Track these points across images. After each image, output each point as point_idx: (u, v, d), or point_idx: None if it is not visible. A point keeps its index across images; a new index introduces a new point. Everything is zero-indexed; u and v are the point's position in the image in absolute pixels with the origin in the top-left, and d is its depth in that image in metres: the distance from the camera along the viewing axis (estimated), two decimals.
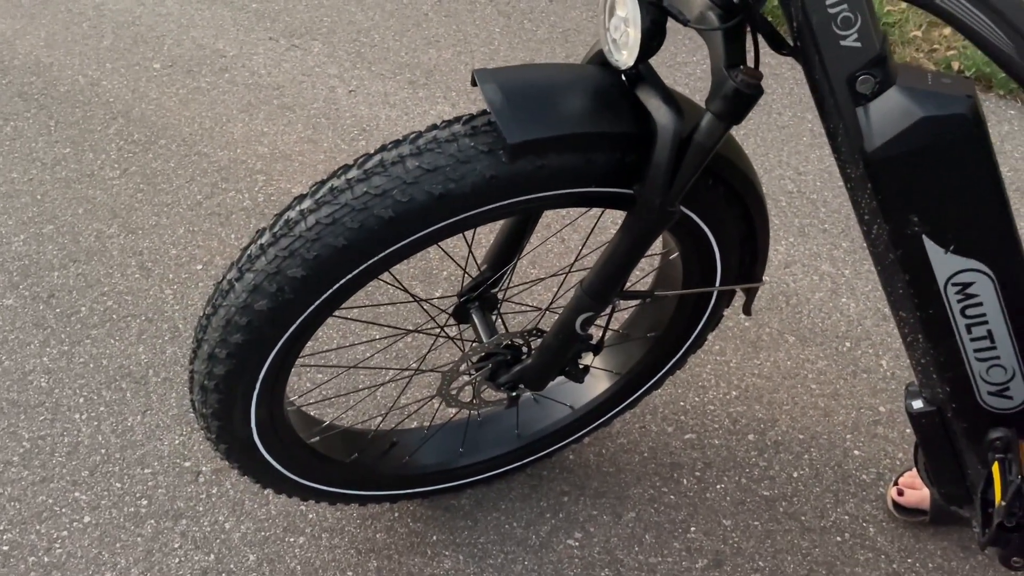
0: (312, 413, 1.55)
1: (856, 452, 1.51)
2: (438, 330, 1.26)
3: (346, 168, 0.96)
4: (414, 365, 1.63)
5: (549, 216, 1.94)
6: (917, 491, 1.40)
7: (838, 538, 1.39)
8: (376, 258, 0.95)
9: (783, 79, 2.39)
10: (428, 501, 1.44)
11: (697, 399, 1.60)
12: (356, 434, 1.35)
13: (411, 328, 1.28)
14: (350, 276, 0.96)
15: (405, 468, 1.35)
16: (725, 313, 1.33)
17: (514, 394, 1.24)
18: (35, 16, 2.67)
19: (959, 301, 0.91)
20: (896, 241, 0.91)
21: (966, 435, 0.98)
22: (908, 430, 1.54)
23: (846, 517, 1.42)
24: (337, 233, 0.93)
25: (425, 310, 1.26)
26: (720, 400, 1.60)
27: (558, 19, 2.66)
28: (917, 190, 0.85)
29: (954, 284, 0.90)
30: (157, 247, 1.89)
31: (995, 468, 0.92)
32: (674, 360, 1.33)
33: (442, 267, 1.84)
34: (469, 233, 1.64)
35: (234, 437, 1.11)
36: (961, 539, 1.37)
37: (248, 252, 0.99)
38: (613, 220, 1.93)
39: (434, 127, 0.95)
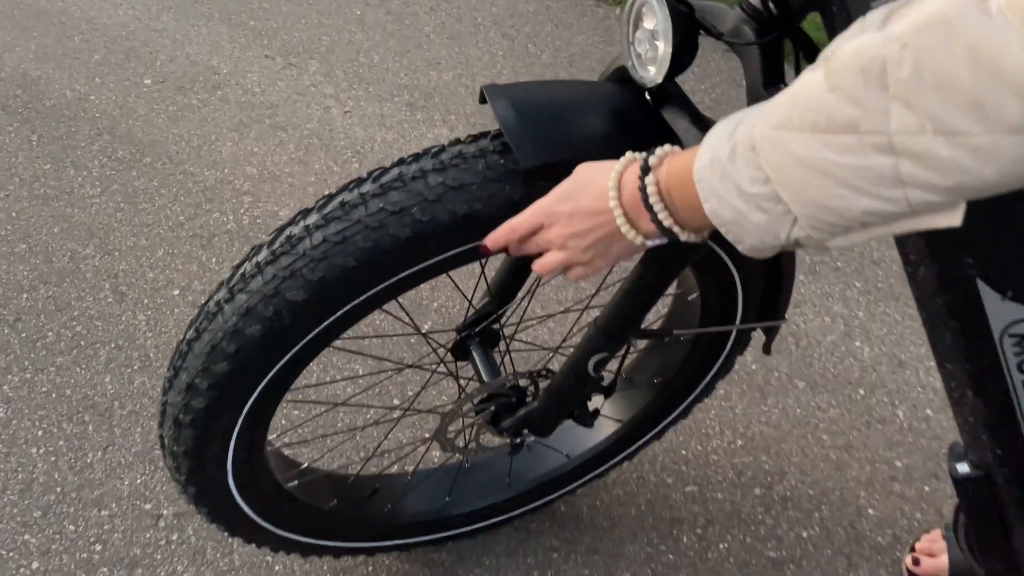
0: (289, 454, 1.45)
1: (870, 511, 1.40)
2: (436, 366, 1.16)
3: (359, 181, 0.86)
4: (405, 404, 1.52)
5: None
6: (934, 560, 1.28)
7: None
8: (387, 283, 0.85)
9: None
10: (407, 554, 1.33)
11: (700, 448, 1.49)
12: (337, 478, 1.24)
13: (408, 363, 1.17)
14: (356, 302, 0.86)
15: (387, 517, 1.24)
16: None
17: (518, 440, 1.13)
18: (27, 28, 2.60)
19: (1017, 354, 0.80)
20: (946, 285, 0.80)
21: (1019, 504, 0.87)
22: (927, 488, 1.43)
23: None
24: (347, 253, 0.82)
25: (429, 343, 1.15)
26: (724, 450, 1.49)
27: (563, 44, 2.58)
28: (971, 227, 0.75)
29: (1012, 335, 0.80)
30: (133, 269, 1.79)
31: None
32: (680, 409, 1.23)
33: (433, 297, 1.74)
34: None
35: (206, 479, 1.00)
36: None
37: (242, 271, 0.88)
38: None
39: (458, 141, 0.85)
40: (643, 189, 0.65)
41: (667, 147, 0.67)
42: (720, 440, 1.50)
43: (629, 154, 0.69)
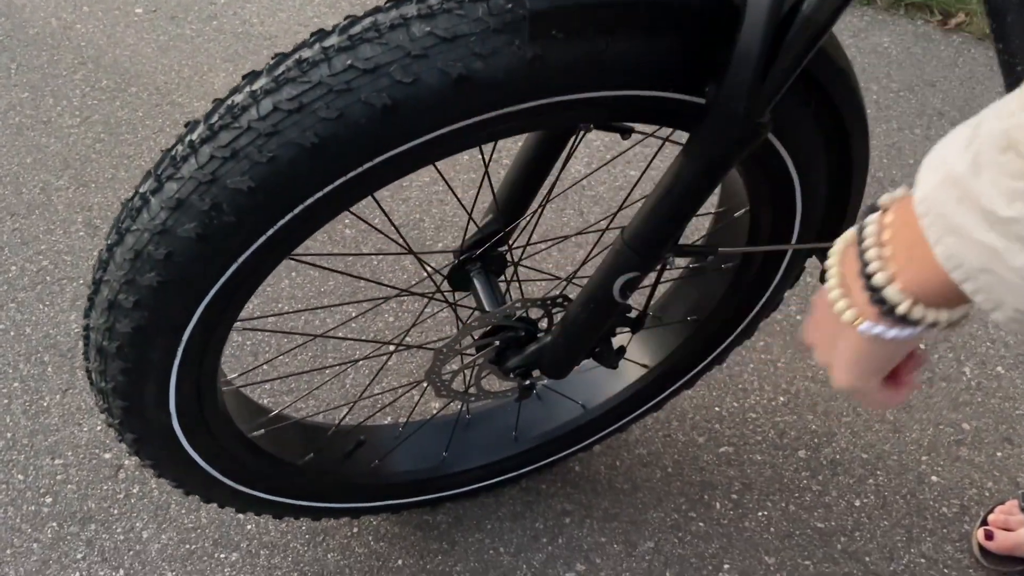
0: (257, 398, 1.28)
1: (934, 478, 1.21)
2: (432, 294, 0.98)
3: (322, 34, 0.67)
4: (396, 339, 1.34)
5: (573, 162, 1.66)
6: (1012, 534, 1.10)
7: None
8: (358, 170, 0.67)
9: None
10: (397, 515, 1.16)
11: (736, 405, 1.31)
12: (313, 428, 1.07)
13: (398, 288, 0.99)
14: (319, 196, 0.67)
15: (373, 474, 1.07)
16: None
17: (527, 383, 0.95)
18: None
19: None
20: None
21: None
22: (999, 454, 1.23)
23: (922, 560, 1.12)
24: (305, 126, 0.64)
25: (423, 266, 0.97)
26: (764, 407, 1.30)
27: None
28: None
29: None
30: (110, 203, 1.63)
31: None
32: (716, 353, 1.04)
33: (425, 211, 1.56)
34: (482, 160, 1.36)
35: (146, 424, 0.82)
36: None
37: (172, 153, 0.70)
38: (658, 165, 1.64)
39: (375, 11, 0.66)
40: (860, 230, 0.43)
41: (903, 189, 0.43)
42: (759, 396, 1.32)
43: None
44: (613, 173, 1.69)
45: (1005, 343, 1.38)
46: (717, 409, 1.30)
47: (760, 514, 1.17)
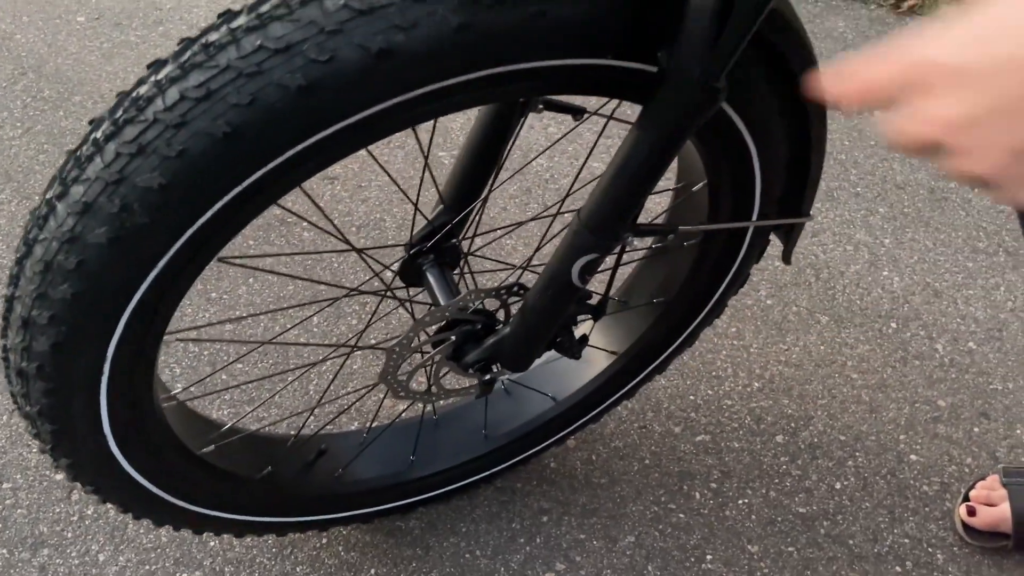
0: (213, 411, 1.23)
1: (913, 457, 1.19)
2: (384, 291, 0.94)
3: (229, 15, 0.63)
4: (350, 341, 1.30)
5: (527, 144, 1.63)
6: (993, 509, 1.08)
7: (898, 568, 1.07)
8: (279, 160, 0.62)
9: None
10: (368, 524, 1.12)
11: (711, 392, 1.28)
12: (269, 441, 1.02)
13: (348, 288, 0.94)
14: (239, 191, 0.63)
15: (338, 484, 1.02)
16: (742, 289, 1.02)
17: (487, 378, 0.91)
18: None
19: None
20: None
21: None
22: (976, 429, 1.22)
23: (906, 540, 1.10)
24: (215, 114, 0.59)
25: (369, 264, 0.93)
26: (739, 393, 1.28)
27: None
28: None
29: None
30: None
31: None
32: (686, 334, 1.01)
33: (386, 212, 1.52)
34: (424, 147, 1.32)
35: (80, 447, 0.77)
36: None
37: (77, 153, 0.65)
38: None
39: None
40: None
41: None
42: (734, 383, 1.29)
43: None
44: (572, 156, 1.66)
45: (975, 319, 1.38)
46: (692, 398, 1.27)
47: (741, 502, 1.14)
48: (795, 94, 0.71)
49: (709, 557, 1.08)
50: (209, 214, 0.64)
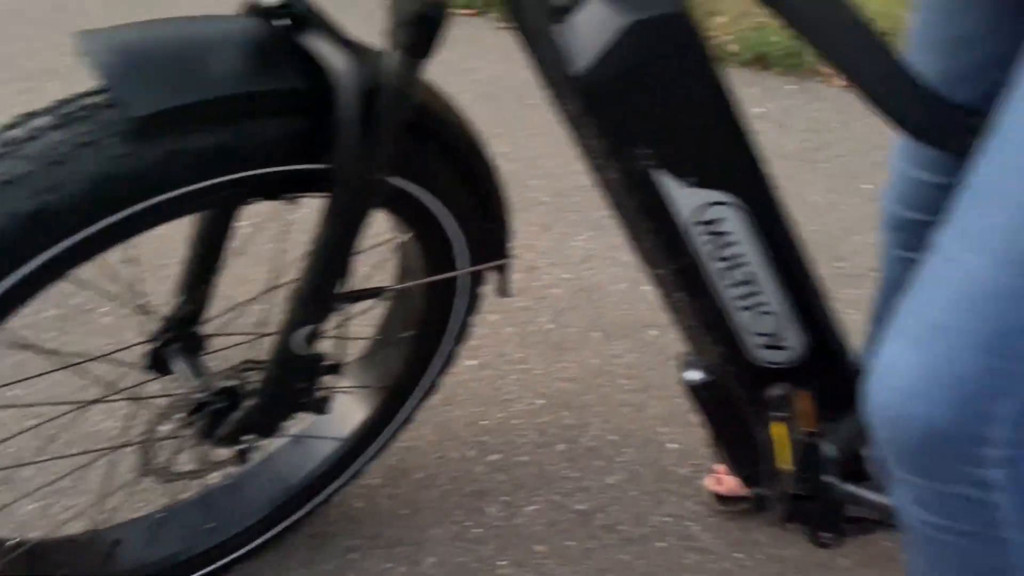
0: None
1: (672, 445, 1.38)
2: (120, 393, 1.01)
3: None
4: (105, 444, 1.29)
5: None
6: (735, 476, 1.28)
7: (662, 544, 1.24)
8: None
9: None
10: None
11: (501, 415, 1.43)
12: (58, 546, 1.06)
13: (92, 400, 1.00)
14: None
15: (142, 568, 1.08)
16: (524, 319, 1.17)
17: (240, 448, 1.01)
18: None
19: (705, 243, 0.78)
20: (630, 184, 0.78)
21: (747, 402, 0.86)
22: None
23: (668, 519, 1.28)
24: None
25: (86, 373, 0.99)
26: (526, 412, 1.44)
27: None
28: (637, 112, 0.72)
29: (698, 223, 0.78)
30: None
31: (775, 431, 0.79)
32: (444, 360, 1.15)
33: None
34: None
35: None
36: None
37: None
38: None
39: (10, 126, 0.73)
40: None
41: None
42: (521, 404, 1.45)
43: None
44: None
45: None
46: (484, 423, 1.42)
47: (529, 509, 1.29)
48: (457, 161, 0.88)
49: (502, 563, 1.22)
50: None
